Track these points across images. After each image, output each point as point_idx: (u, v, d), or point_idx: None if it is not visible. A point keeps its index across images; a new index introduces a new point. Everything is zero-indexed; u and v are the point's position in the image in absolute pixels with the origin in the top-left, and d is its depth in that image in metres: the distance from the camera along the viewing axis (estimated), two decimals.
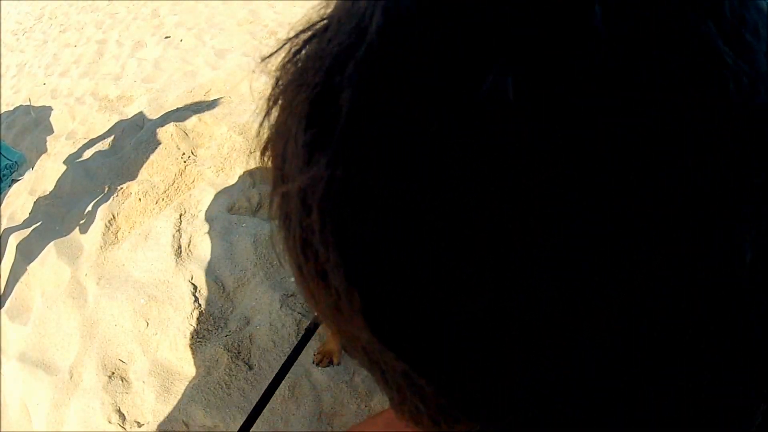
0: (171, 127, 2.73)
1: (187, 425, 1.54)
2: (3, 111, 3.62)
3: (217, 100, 3.00)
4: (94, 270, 2.08)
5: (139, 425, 1.57)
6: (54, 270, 2.13)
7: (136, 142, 2.73)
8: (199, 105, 2.99)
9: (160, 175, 2.47)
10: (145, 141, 2.71)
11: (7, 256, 2.29)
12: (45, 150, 3.00)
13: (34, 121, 3.38)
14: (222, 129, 2.66)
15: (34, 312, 2.03)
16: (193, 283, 1.88)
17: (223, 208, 2.14)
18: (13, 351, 1.90)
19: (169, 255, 2.01)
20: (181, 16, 4.49)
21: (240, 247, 1.96)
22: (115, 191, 2.43)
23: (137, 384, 1.66)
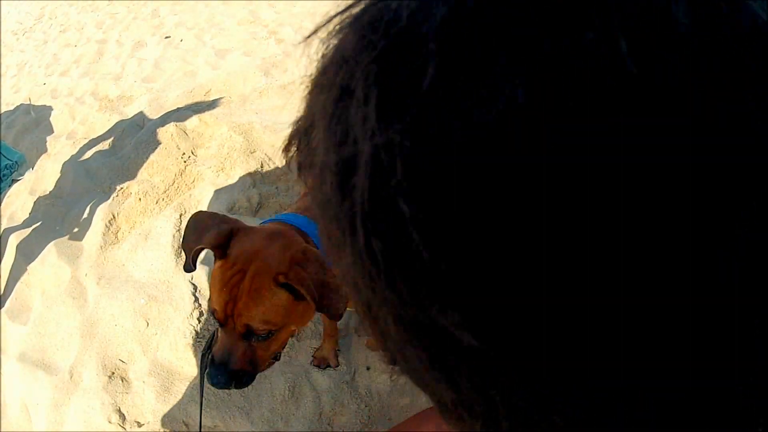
0: (171, 127, 2.73)
1: (187, 425, 1.54)
2: (3, 111, 3.61)
3: (217, 100, 3.00)
4: (94, 270, 2.08)
5: (139, 425, 1.57)
6: (54, 270, 2.13)
7: (136, 142, 2.73)
8: (199, 105, 2.99)
9: (160, 175, 2.47)
10: (145, 141, 2.71)
11: (7, 256, 2.29)
12: (45, 150, 3.00)
13: (34, 121, 3.38)
14: (222, 129, 2.66)
15: (34, 312, 2.03)
16: (193, 283, 1.88)
17: (223, 208, 2.14)
18: (13, 351, 1.90)
19: (169, 255, 2.01)
20: (181, 16, 4.49)
21: None
22: (115, 191, 2.43)
23: (137, 384, 1.66)
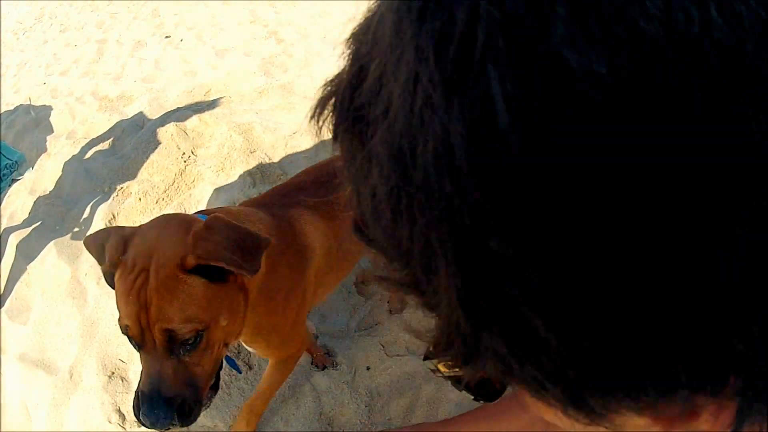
0: (171, 127, 2.73)
1: None
2: (3, 111, 3.61)
3: (217, 100, 3.00)
4: (94, 270, 2.08)
5: (140, 425, 1.57)
6: (54, 270, 2.13)
7: (136, 142, 2.73)
8: (199, 105, 2.99)
9: (160, 175, 2.47)
10: (145, 141, 2.71)
11: (7, 256, 2.29)
12: (45, 150, 2.99)
13: (34, 121, 3.38)
14: (222, 129, 2.66)
15: (34, 312, 2.03)
16: None
17: None
18: (13, 351, 1.90)
19: None
20: (181, 15, 4.49)
21: None
22: (115, 191, 2.43)
23: (137, 384, 1.66)
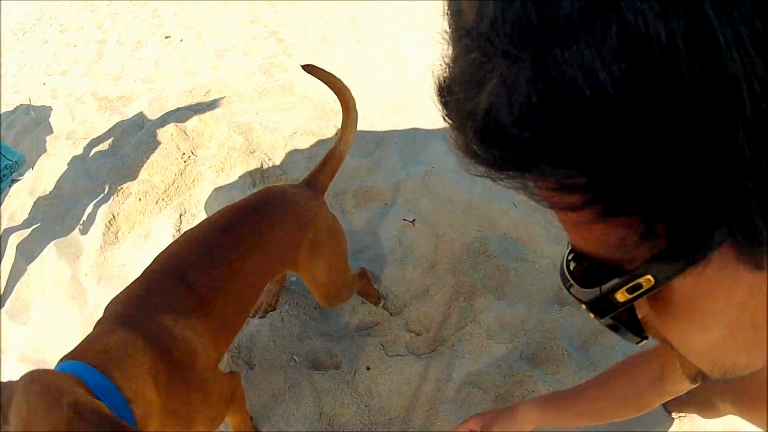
0: (171, 127, 2.73)
1: None
2: (3, 111, 3.61)
3: (217, 100, 3.00)
4: (94, 270, 2.08)
5: None
6: (54, 270, 2.13)
7: (136, 142, 2.73)
8: (199, 105, 2.99)
9: (160, 175, 2.47)
10: (145, 141, 2.71)
11: (7, 256, 2.29)
12: (45, 150, 2.99)
13: (34, 121, 3.38)
14: (222, 129, 2.66)
15: (34, 312, 2.03)
16: None
17: None
18: (13, 351, 1.90)
19: None
20: (181, 16, 4.49)
21: None
22: (115, 191, 2.43)
23: None
